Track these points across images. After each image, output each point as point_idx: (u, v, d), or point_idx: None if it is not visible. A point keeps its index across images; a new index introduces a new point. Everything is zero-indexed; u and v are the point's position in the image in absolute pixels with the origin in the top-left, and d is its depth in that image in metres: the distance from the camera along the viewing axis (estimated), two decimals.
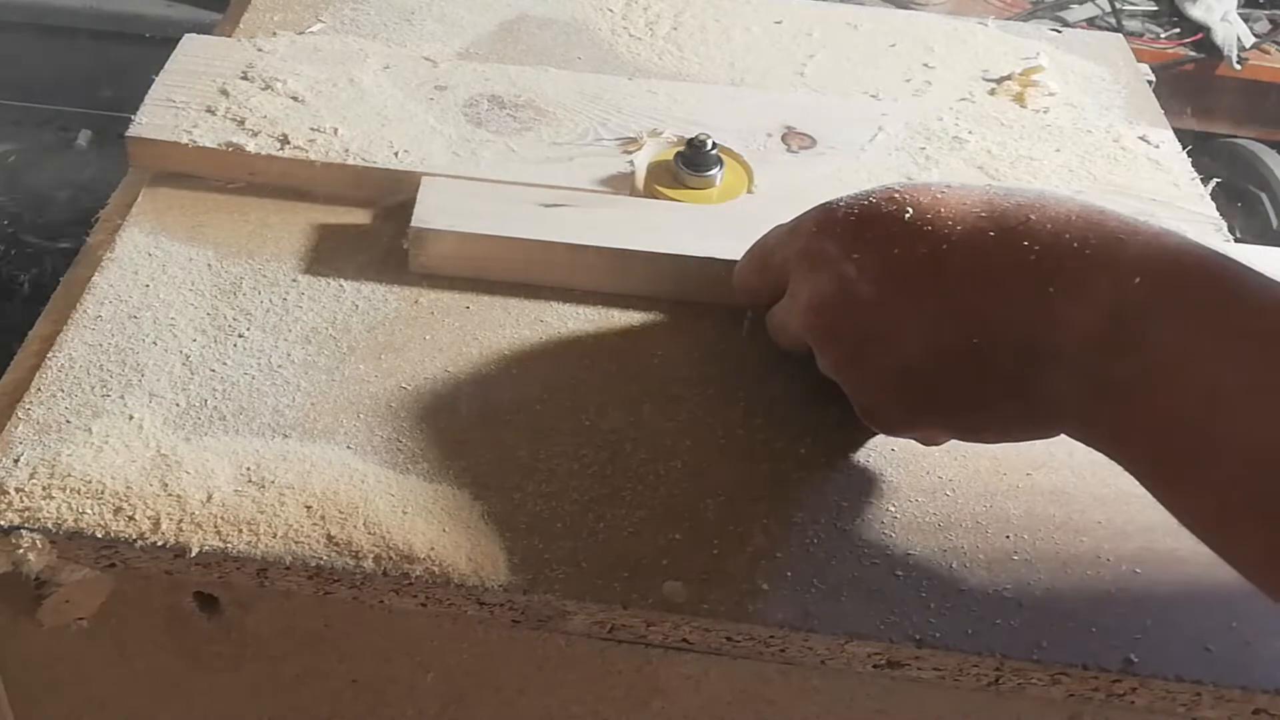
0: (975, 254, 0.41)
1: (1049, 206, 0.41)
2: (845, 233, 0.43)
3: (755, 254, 0.49)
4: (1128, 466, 0.39)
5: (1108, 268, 0.38)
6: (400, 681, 0.46)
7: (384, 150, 0.58)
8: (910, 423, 0.44)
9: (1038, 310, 0.39)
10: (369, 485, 0.44)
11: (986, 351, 0.40)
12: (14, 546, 0.41)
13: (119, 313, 0.50)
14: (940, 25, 0.77)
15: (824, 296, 0.43)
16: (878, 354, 0.42)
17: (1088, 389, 0.39)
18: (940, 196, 0.42)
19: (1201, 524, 0.38)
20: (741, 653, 0.42)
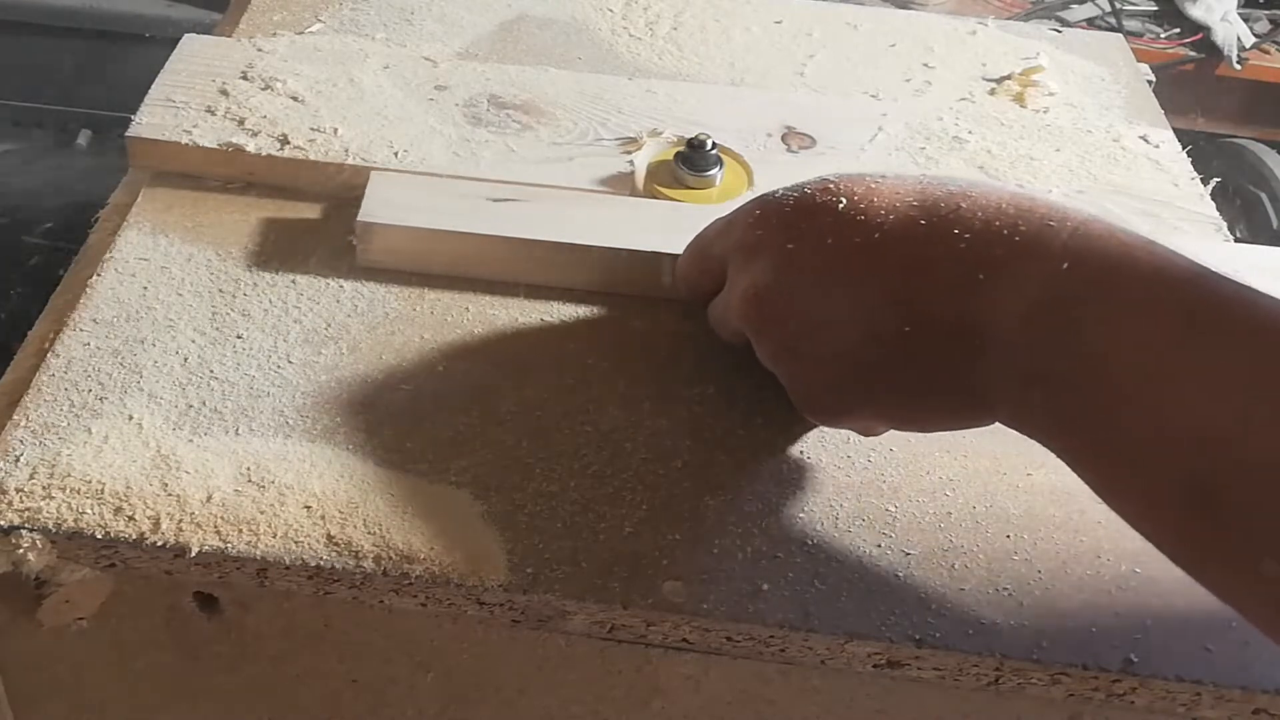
0: (907, 243, 0.41)
1: (980, 195, 0.41)
2: (780, 224, 0.43)
3: (694, 247, 0.49)
4: (1059, 453, 0.39)
5: (1036, 255, 0.39)
6: (400, 681, 0.46)
7: (384, 150, 0.58)
8: (846, 412, 0.44)
9: (968, 298, 0.40)
10: (369, 485, 0.44)
11: (919, 339, 0.41)
12: (14, 546, 0.41)
13: (119, 313, 0.50)
14: (940, 25, 0.77)
15: (759, 287, 0.43)
16: (812, 344, 0.43)
17: (1018, 376, 0.39)
18: (874, 187, 0.43)
19: (1132, 512, 0.38)
20: (741, 653, 0.42)
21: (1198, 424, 0.35)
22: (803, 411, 0.45)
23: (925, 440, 0.48)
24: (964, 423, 0.43)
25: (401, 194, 0.54)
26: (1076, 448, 0.39)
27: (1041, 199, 0.41)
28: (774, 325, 0.44)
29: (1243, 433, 0.34)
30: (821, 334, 0.42)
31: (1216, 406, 0.34)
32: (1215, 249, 0.57)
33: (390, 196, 0.54)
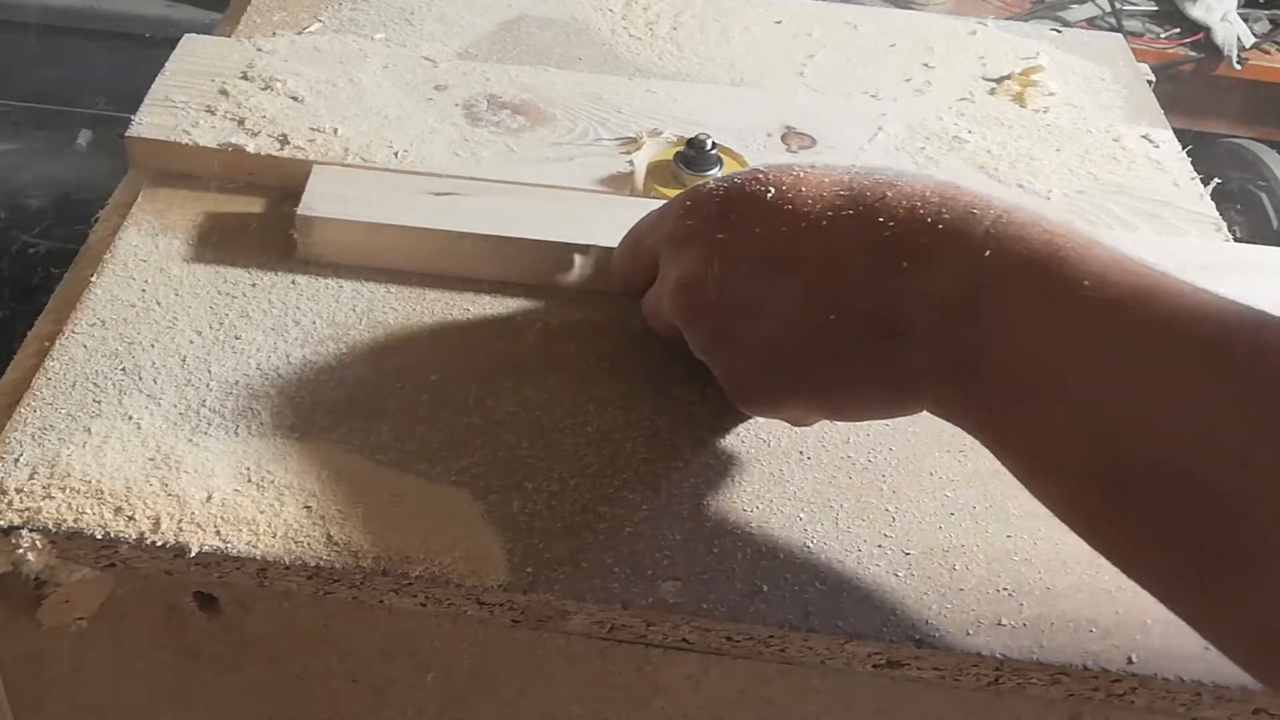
0: (833, 232, 0.41)
1: (906, 184, 0.41)
2: (710, 214, 0.44)
3: (628, 240, 0.49)
4: (983, 442, 0.40)
5: (959, 243, 0.39)
6: (400, 681, 0.46)
7: (383, 150, 0.58)
8: (776, 402, 0.44)
9: (892, 286, 0.40)
10: (368, 485, 0.44)
11: (844, 328, 0.41)
12: (14, 546, 0.41)
13: (118, 313, 0.50)
14: (940, 25, 0.77)
15: (689, 278, 0.44)
16: (742, 334, 0.43)
17: (940, 364, 0.39)
18: (802, 177, 0.43)
19: (1054, 502, 0.38)
20: (741, 652, 0.42)
21: (1113, 414, 0.35)
22: (735, 402, 0.45)
23: (925, 440, 0.48)
24: (893, 411, 0.43)
25: (343, 188, 0.54)
26: (998, 437, 0.39)
27: (966, 188, 0.41)
28: (704, 316, 0.44)
29: (1155, 422, 0.34)
30: (750, 324, 0.42)
31: (1131, 395, 0.35)
32: (1215, 248, 0.57)
33: (331, 190, 0.54)
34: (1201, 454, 0.33)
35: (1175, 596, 0.36)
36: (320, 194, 0.54)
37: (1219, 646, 0.35)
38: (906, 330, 0.39)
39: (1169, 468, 0.34)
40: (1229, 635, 0.35)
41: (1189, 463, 0.33)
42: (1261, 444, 0.32)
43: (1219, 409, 0.33)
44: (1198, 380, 0.34)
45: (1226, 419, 0.33)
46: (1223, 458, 0.33)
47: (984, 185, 0.60)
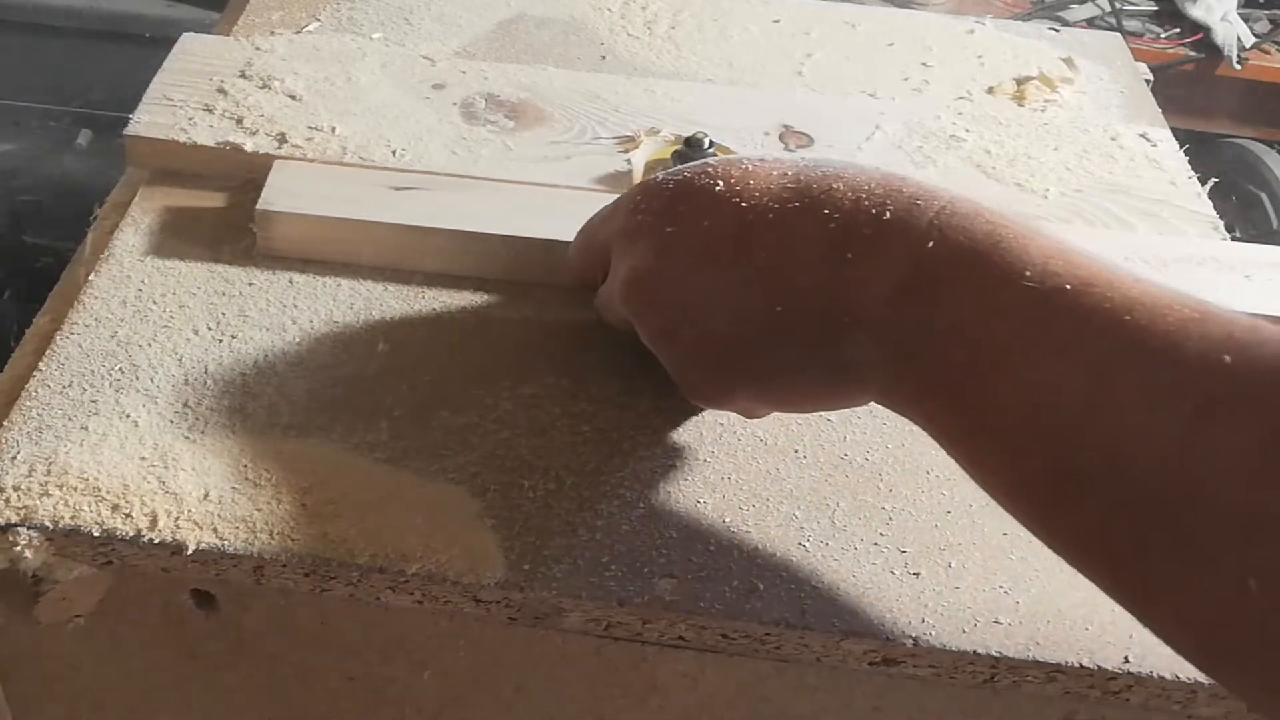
0: (780, 223, 0.41)
1: (852, 176, 0.41)
2: (660, 207, 0.44)
3: (582, 235, 0.49)
4: (930, 433, 0.40)
5: (903, 233, 0.39)
6: (397, 679, 0.46)
7: (382, 149, 0.58)
8: (725, 393, 0.44)
9: (837, 277, 0.40)
10: (365, 482, 0.44)
11: (791, 319, 0.41)
12: (11, 544, 0.41)
13: (116, 311, 0.50)
14: (938, 24, 0.77)
15: (640, 271, 0.44)
16: (690, 326, 0.43)
17: (885, 354, 0.39)
18: (751, 169, 0.43)
19: (1000, 493, 0.38)
20: (737, 650, 0.42)
21: (1053, 404, 0.35)
22: (684, 394, 0.45)
23: (922, 438, 0.48)
24: (841, 402, 0.43)
25: (303, 182, 0.55)
26: (942, 428, 0.39)
27: (912, 179, 0.41)
28: (653, 308, 0.44)
29: (1095, 414, 0.34)
30: (698, 316, 0.43)
31: (1072, 386, 0.35)
32: (1214, 247, 0.57)
33: (291, 185, 0.54)
34: (1141, 445, 0.33)
35: (1120, 587, 0.36)
36: (280, 189, 0.54)
37: (1162, 637, 0.35)
38: (852, 322, 0.40)
39: (1110, 459, 0.34)
40: (1172, 625, 0.35)
41: (1129, 454, 0.34)
42: (1201, 435, 0.32)
43: (1159, 400, 0.33)
44: (1138, 371, 0.34)
45: (1166, 410, 0.33)
46: (1162, 449, 0.33)
47: (981, 184, 0.61)
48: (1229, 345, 0.33)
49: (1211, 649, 0.34)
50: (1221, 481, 0.32)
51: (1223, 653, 0.34)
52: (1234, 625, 0.32)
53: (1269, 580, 0.31)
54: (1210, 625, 0.33)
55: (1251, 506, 0.31)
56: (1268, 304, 0.53)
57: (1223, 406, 0.32)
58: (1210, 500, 0.32)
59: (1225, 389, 0.32)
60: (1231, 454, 0.32)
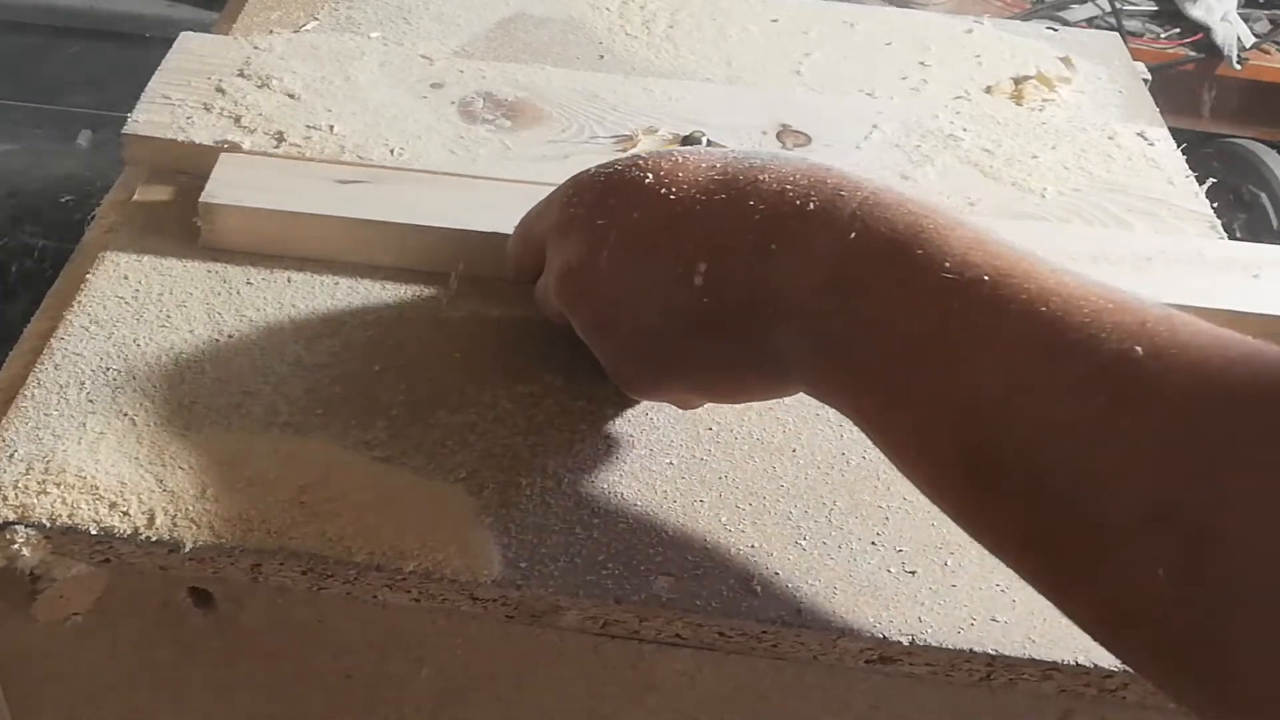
0: (707, 215, 0.41)
1: (778, 168, 0.41)
2: (592, 200, 0.44)
3: (520, 229, 0.50)
4: (857, 424, 0.40)
5: (826, 224, 0.39)
6: (395, 677, 0.46)
7: (380, 148, 0.58)
8: (657, 385, 0.45)
9: (762, 268, 0.40)
10: (362, 480, 0.44)
11: (717, 311, 0.41)
12: (9, 542, 0.41)
13: (113, 310, 0.50)
14: (937, 24, 0.77)
15: (572, 264, 0.44)
16: (620, 318, 0.43)
17: (810, 345, 0.39)
18: (680, 161, 0.43)
19: (922, 482, 0.38)
20: (734, 648, 0.42)
21: (970, 395, 0.35)
22: (619, 386, 0.46)
23: None
24: (770, 392, 0.43)
25: (247, 175, 0.55)
26: (867, 418, 0.39)
27: (838, 170, 0.41)
28: (585, 302, 0.44)
29: (1012, 401, 0.34)
30: (628, 308, 0.43)
31: (988, 377, 0.35)
32: (1212, 246, 0.57)
33: (236, 178, 0.54)
34: (1054, 436, 0.34)
35: (1037, 576, 0.36)
36: (225, 181, 0.54)
37: (1079, 624, 0.35)
38: (777, 313, 0.40)
39: (1024, 450, 0.34)
40: (1087, 613, 0.35)
41: (1042, 444, 0.34)
42: (1111, 426, 0.33)
43: (1071, 391, 0.34)
44: (1052, 362, 0.34)
45: (1078, 401, 0.33)
46: (1074, 439, 0.33)
47: (979, 183, 0.61)
48: (1141, 336, 0.33)
49: (1125, 637, 0.34)
50: (1130, 472, 0.32)
51: (1135, 640, 0.34)
52: (1144, 614, 0.33)
53: (1176, 570, 0.31)
54: (1122, 614, 0.34)
55: (1158, 497, 0.32)
56: (1267, 304, 0.53)
57: (1132, 398, 0.33)
58: (1119, 491, 0.32)
59: (1135, 380, 0.33)
60: (1139, 445, 0.32)
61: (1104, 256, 0.55)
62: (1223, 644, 0.31)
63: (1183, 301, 0.52)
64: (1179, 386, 0.32)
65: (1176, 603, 0.31)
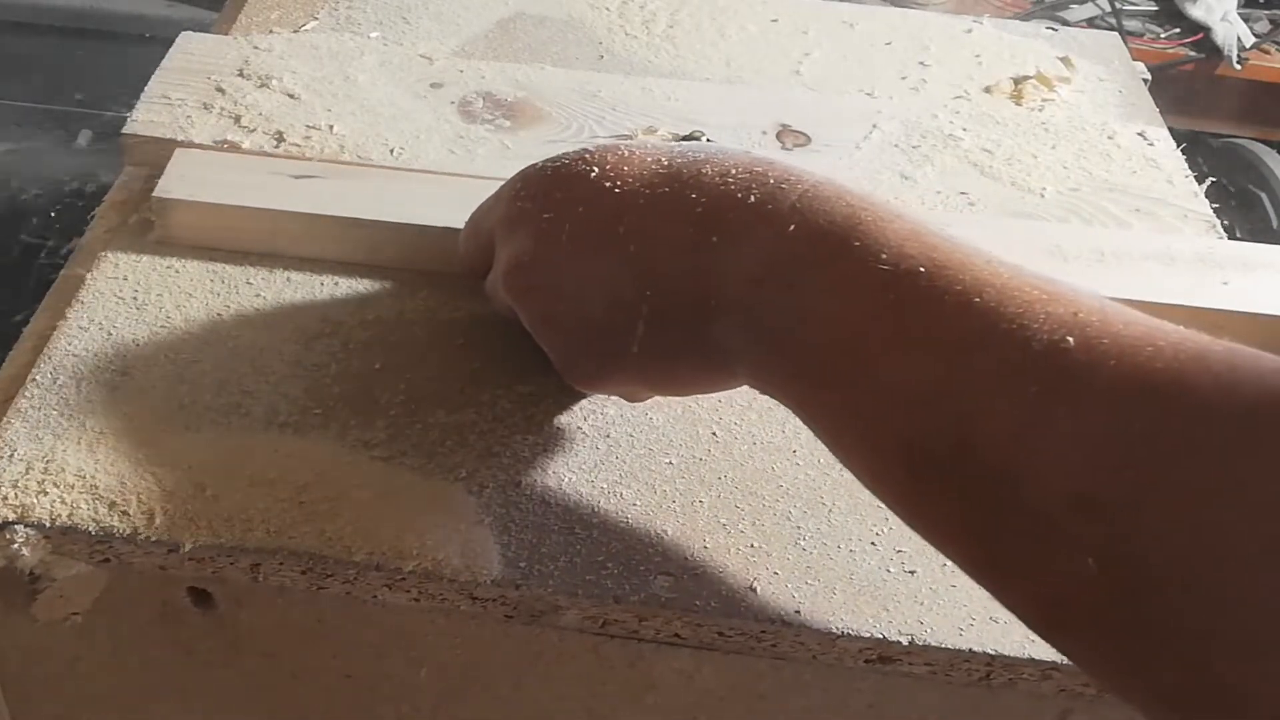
0: (650, 209, 0.41)
1: (721, 161, 0.41)
2: (539, 194, 0.44)
3: (469, 224, 0.50)
4: (798, 414, 0.40)
5: (766, 217, 0.39)
6: (394, 677, 0.46)
7: (379, 147, 0.58)
8: (603, 378, 0.45)
9: (703, 260, 0.40)
10: (362, 480, 0.44)
11: (662, 304, 0.41)
12: (8, 542, 0.41)
13: (113, 310, 0.50)
14: (936, 23, 0.77)
15: (518, 257, 0.44)
16: (566, 311, 0.43)
17: (751, 337, 0.39)
18: (626, 155, 0.43)
19: (863, 474, 0.39)
20: (734, 648, 0.42)
21: (907, 387, 0.35)
22: (566, 379, 0.46)
23: None
24: (714, 385, 0.44)
25: (201, 170, 0.54)
26: (808, 410, 0.39)
27: (780, 163, 0.41)
28: (532, 296, 0.44)
29: (947, 394, 0.35)
30: (574, 302, 0.43)
31: (924, 369, 0.35)
32: (1212, 246, 0.57)
33: (189, 173, 0.54)
34: (987, 427, 0.34)
35: (975, 567, 0.36)
36: (178, 176, 0.54)
37: (1016, 615, 0.35)
38: (719, 305, 0.40)
39: (959, 441, 0.34)
40: (1021, 604, 0.35)
41: (976, 435, 0.34)
42: (1041, 417, 0.33)
43: (1004, 382, 0.34)
44: (985, 353, 0.34)
45: (1010, 392, 0.34)
46: (1006, 430, 0.33)
47: (978, 182, 0.61)
48: (1073, 327, 0.34)
49: (1060, 628, 0.34)
50: (1059, 462, 0.32)
51: (1069, 629, 0.34)
52: (1077, 603, 0.33)
53: (1106, 560, 0.32)
54: (1056, 603, 0.34)
55: (1087, 487, 0.32)
56: (1264, 304, 0.53)
57: (1062, 388, 0.33)
58: (1049, 481, 0.33)
59: (1065, 371, 0.33)
60: (1069, 435, 0.32)
61: (1103, 256, 0.55)
62: (1150, 634, 0.31)
63: (1181, 301, 0.53)
64: (1107, 377, 0.32)
65: (1106, 592, 0.32)
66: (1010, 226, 0.57)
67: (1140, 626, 0.31)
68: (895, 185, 0.60)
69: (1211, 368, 0.32)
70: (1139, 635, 0.32)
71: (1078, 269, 0.54)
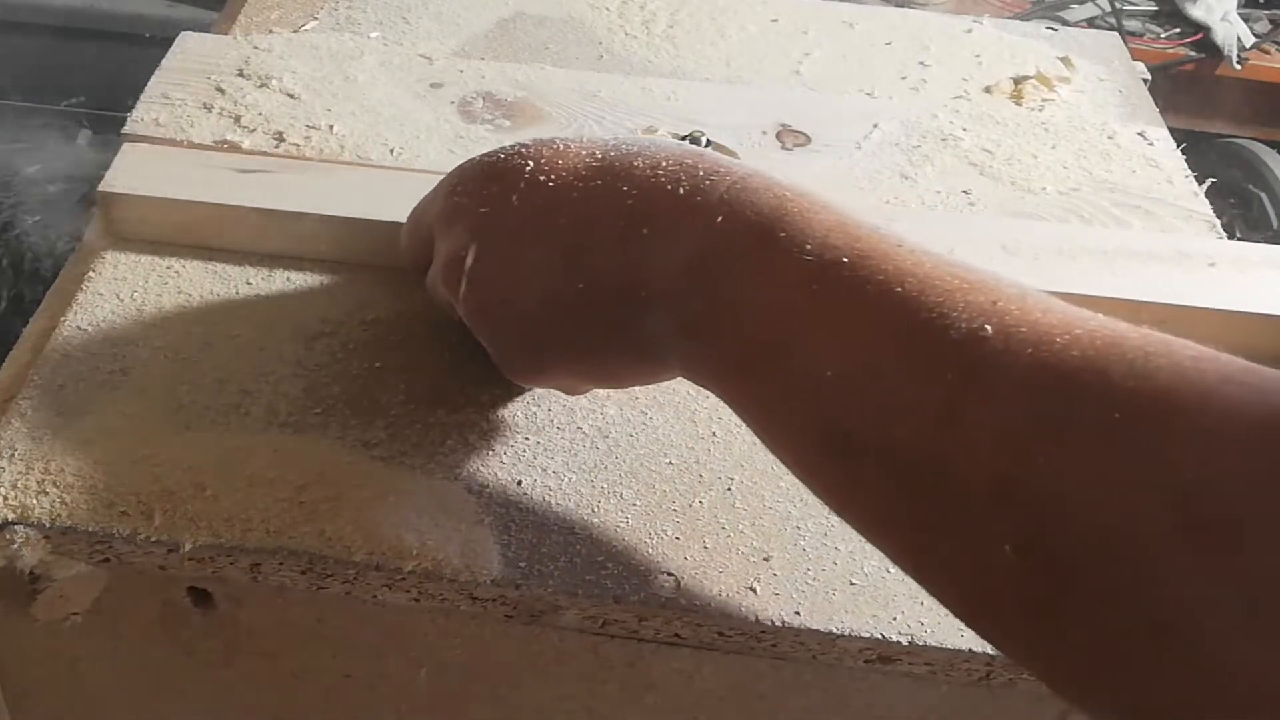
0: (583, 202, 0.42)
1: (653, 153, 0.42)
2: (475, 188, 0.44)
3: (411, 218, 0.50)
4: (729, 404, 0.40)
5: (694, 209, 0.39)
6: (393, 677, 0.46)
7: (379, 147, 0.58)
8: (539, 371, 0.45)
9: (633, 253, 0.40)
10: (362, 480, 0.44)
11: (595, 297, 0.41)
12: (8, 542, 0.41)
13: (113, 310, 0.50)
14: (936, 23, 0.77)
15: (456, 252, 0.44)
16: (500, 305, 0.43)
17: (681, 329, 0.40)
18: (561, 149, 0.43)
19: (788, 459, 0.39)
20: (733, 648, 0.42)
21: (831, 376, 0.36)
22: (503, 373, 0.46)
23: None
24: (648, 376, 0.44)
25: (149, 165, 0.54)
26: (738, 400, 0.40)
27: (710, 155, 0.41)
28: (469, 289, 0.44)
29: (868, 381, 0.35)
30: (509, 295, 0.43)
31: (847, 359, 0.35)
32: (1211, 245, 0.57)
33: (136, 167, 0.54)
34: (906, 416, 0.34)
35: (899, 555, 0.36)
36: (124, 170, 0.54)
37: (941, 602, 0.36)
38: (649, 297, 0.40)
39: (880, 430, 0.35)
40: (944, 591, 0.35)
41: (896, 424, 0.34)
42: (958, 406, 0.33)
43: (922, 371, 0.34)
44: (905, 342, 0.35)
45: (928, 381, 0.34)
46: (925, 419, 0.34)
47: (978, 182, 0.61)
48: (991, 315, 0.34)
49: (981, 615, 0.35)
50: (979, 451, 0.33)
51: (991, 618, 0.34)
52: (996, 590, 0.33)
53: (1023, 546, 0.32)
54: (976, 592, 0.34)
55: (1003, 474, 0.32)
56: (1263, 304, 0.53)
57: (978, 376, 0.33)
58: (967, 468, 0.33)
59: (982, 359, 0.33)
60: (984, 423, 0.33)
61: (1102, 255, 0.55)
62: (1064, 620, 0.32)
63: (1181, 301, 0.53)
64: (1024, 366, 0.33)
65: (1022, 579, 0.32)
66: (1010, 227, 0.57)
67: (1060, 614, 0.32)
68: (895, 185, 0.60)
69: (1126, 355, 0.32)
70: (1059, 622, 0.32)
71: (1077, 269, 0.54)
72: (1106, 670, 0.32)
